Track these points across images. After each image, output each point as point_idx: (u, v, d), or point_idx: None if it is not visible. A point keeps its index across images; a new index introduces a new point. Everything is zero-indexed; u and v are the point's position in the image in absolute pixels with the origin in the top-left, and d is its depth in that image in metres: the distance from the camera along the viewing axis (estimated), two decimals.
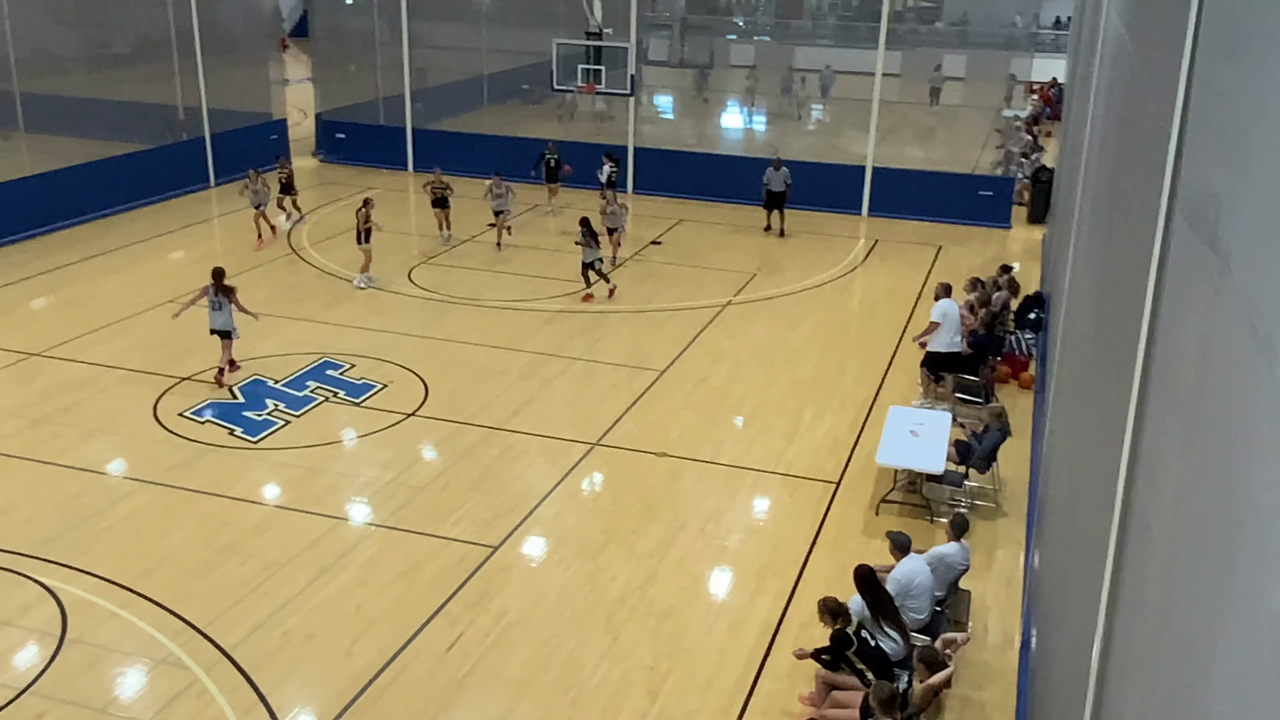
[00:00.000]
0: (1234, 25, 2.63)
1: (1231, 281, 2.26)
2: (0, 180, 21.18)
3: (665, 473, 12.81)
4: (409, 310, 18.06)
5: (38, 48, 24.84)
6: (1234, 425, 2.11)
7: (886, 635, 8.81)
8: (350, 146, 28.58)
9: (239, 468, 12.73)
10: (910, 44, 35.58)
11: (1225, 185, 2.49)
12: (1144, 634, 3.13)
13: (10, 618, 9.87)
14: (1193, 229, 2.90)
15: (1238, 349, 2.11)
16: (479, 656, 9.45)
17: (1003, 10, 32.90)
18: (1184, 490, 2.68)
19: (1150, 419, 3.54)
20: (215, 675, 9.15)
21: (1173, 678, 2.53)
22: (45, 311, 17.86)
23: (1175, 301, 3.29)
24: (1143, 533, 3.42)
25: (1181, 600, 2.53)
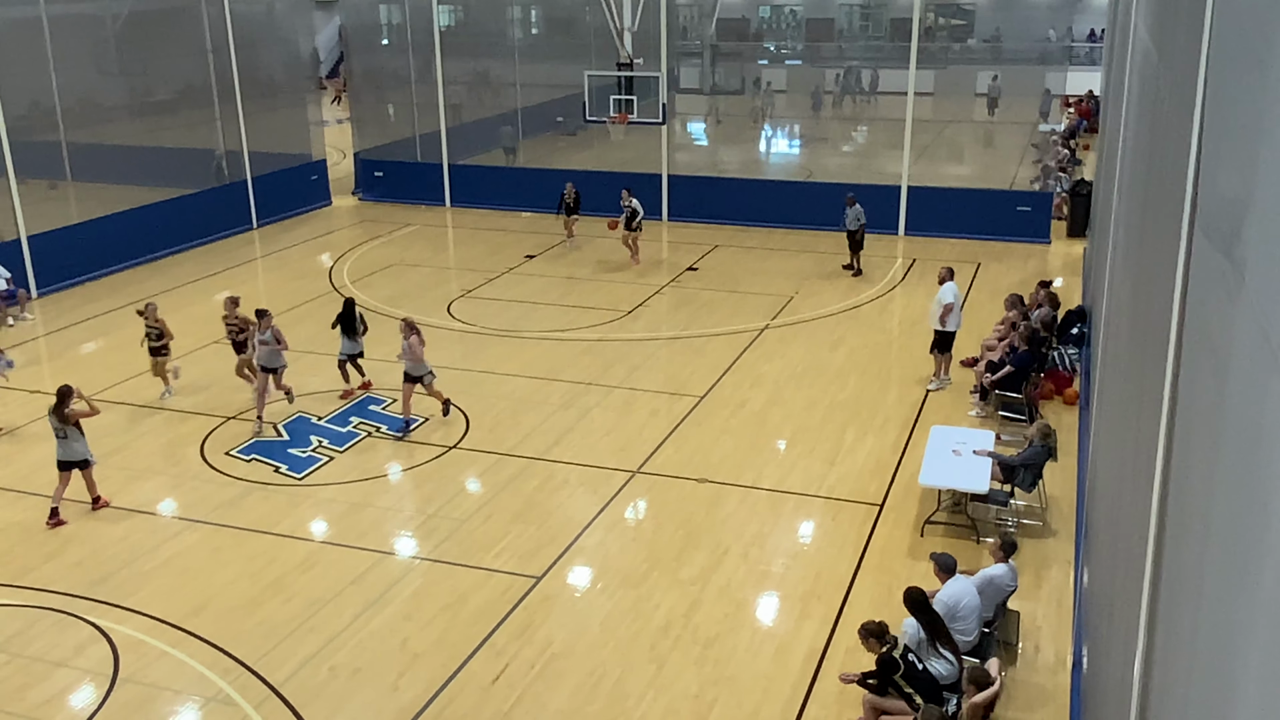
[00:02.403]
0: (1244, 36, 2.62)
1: (1245, 291, 2.24)
2: (48, 228, 21.57)
3: (707, 499, 12.77)
4: (449, 343, 18.17)
5: (83, 98, 25.37)
6: (1250, 437, 2.09)
7: (942, 657, 8.71)
8: (388, 184, 28.94)
9: (285, 505, 12.83)
10: (943, 62, 35.52)
11: (1238, 195, 2.47)
12: (1179, 649, 3.09)
13: (64, 659, 10.00)
14: (1209, 239, 2.88)
15: (1253, 359, 2.10)
16: (524, 688, 9.44)
17: (1035, 25, 32.77)
18: (1209, 505, 2.65)
19: (1179, 432, 3.51)
20: (264, 711, 9.20)
21: (1206, 693, 2.50)
22: (94, 355, 18.18)
23: (1197, 312, 3.26)
24: (1175, 548, 3.38)
25: (1209, 612, 2.50)
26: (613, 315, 19.31)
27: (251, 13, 26.92)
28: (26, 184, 21.37)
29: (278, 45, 28.63)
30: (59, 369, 17.49)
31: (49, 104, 23.92)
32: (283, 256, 24.16)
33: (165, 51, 27.07)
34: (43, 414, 15.56)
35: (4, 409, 15.78)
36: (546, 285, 21.27)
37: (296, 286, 21.57)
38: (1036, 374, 15.11)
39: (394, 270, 22.68)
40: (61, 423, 12.29)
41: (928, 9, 34.55)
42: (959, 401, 15.43)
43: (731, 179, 27.39)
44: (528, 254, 23.61)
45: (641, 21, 22.25)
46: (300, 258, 23.95)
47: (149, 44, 26.95)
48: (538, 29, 32.00)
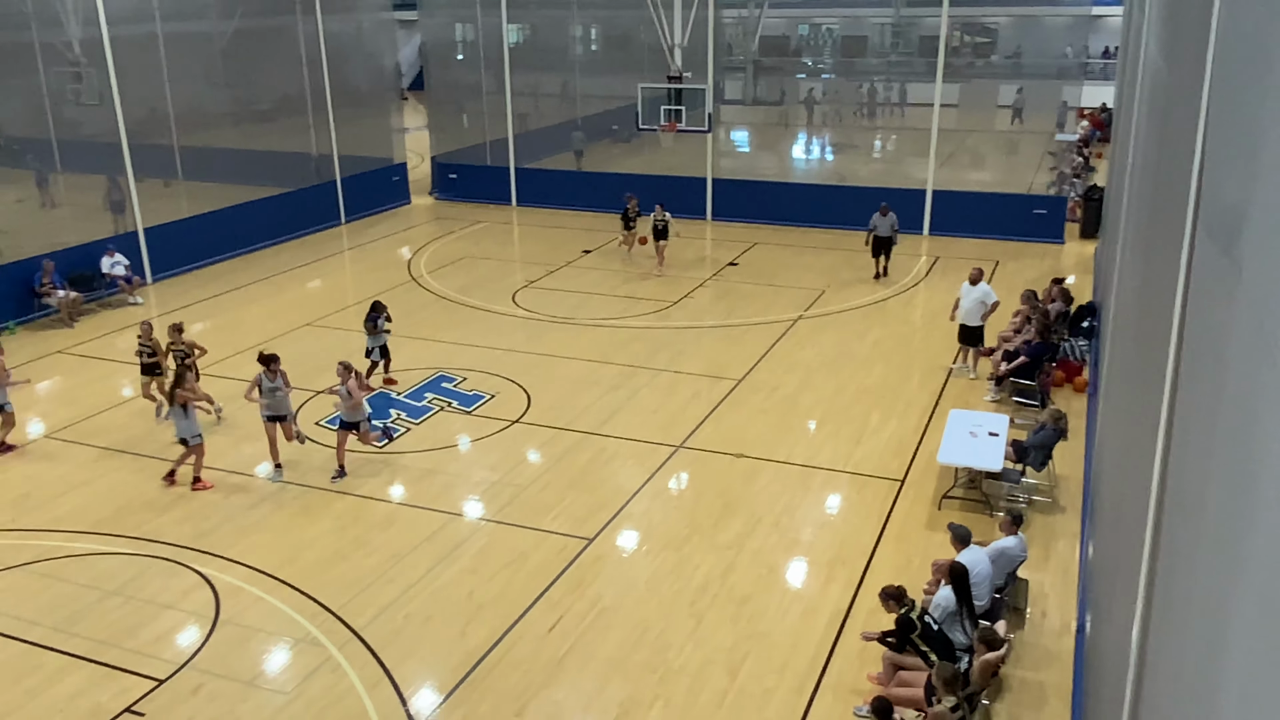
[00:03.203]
0: (1245, 54, 2.56)
1: (1244, 286, 2.20)
2: (163, 222, 21.96)
3: (743, 472, 12.74)
4: (513, 329, 18.29)
5: (193, 107, 25.74)
6: (1244, 421, 2.05)
7: (962, 629, 8.65)
8: (461, 185, 29.11)
9: (367, 470, 12.95)
10: (967, 76, 34.95)
11: (1238, 198, 2.42)
12: (1173, 617, 3.04)
13: (172, 602, 10.23)
14: (1212, 239, 2.82)
15: (1248, 349, 2.06)
16: (577, 637, 9.50)
17: (1053, 43, 32.12)
18: (1204, 485, 2.60)
19: (1179, 417, 3.44)
20: (347, 653, 9.34)
21: (1197, 656, 2.46)
22: (201, 335, 18.49)
23: (1198, 306, 3.19)
24: (1172, 524, 3.32)
25: (1201, 584, 2.46)
26: (660, 305, 19.30)
27: (342, 30, 27.14)
28: (144, 182, 21.73)
29: (365, 60, 28.86)
30: None
31: (164, 111, 24.29)
32: (367, 249, 24.42)
33: (266, 65, 27.40)
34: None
35: (126, 379, 16.09)
36: (601, 278, 21.30)
37: (379, 276, 21.79)
38: (1049, 363, 14.89)
39: (465, 263, 22.83)
40: (169, 403, 12.53)
41: (954, 27, 34.00)
42: (976, 387, 15.25)
43: (770, 182, 27.21)
44: (585, 249, 23.66)
45: (690, 38, 22.14)
46: (382, 251, 24.17)
47: (251, 59, 27.28)
48: (596, 45, 31.96)
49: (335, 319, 18.84)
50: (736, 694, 8.71)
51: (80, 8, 21.18)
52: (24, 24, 23.37)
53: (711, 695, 8.69)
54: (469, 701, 8.68)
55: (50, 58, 22.81)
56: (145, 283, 21.20)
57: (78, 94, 22.13)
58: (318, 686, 8.90)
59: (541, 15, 29.82)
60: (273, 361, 12.69)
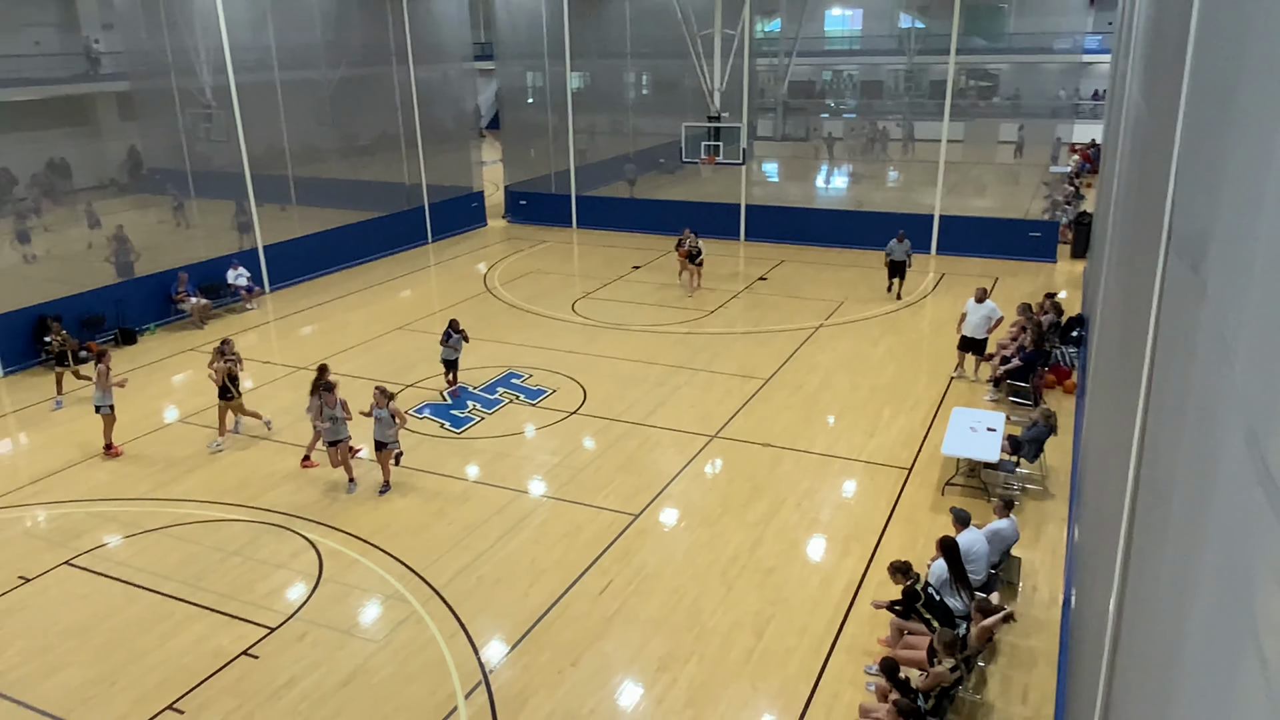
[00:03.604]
0: (1210, 99, 2.51)
1: (1207, 300, 2.15)
2: (280, 240, 22.39)
3: (769, 459, 12.68)
4: (572, 333, 18.36)
5: (305, 143, 26.22)
6: (1206, 417, 2.01)
7: (958, 596, 8.54)
8: (530, 210, 29.30)
9: (448, 452, 13.10)
10: (971, 116, 34.40)
11: (1204, 223, 2.37)
12: (1143, 591, 2.98)
13: (283, 562, 10.42)
14: (1181, 258, 2.76)
15: (1210, 354, 2.02)
16: (624, 599, 9.52)
17: (1049, 86, 31.48)
18: (1172, 473, 2.55)
19: (1152, 415, 3.37)
20: (429, 608, 9.44)
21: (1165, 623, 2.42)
22: (311, 337, 18.85)
23: (1170, 317, 3.13)
24: (1145, 509, 3.26)
25: (1166, 561, 2.41)
26: (699, 314, 19.27)
27: (430, 78, 27.45)
28: (263, 207, 22.16)
29: (450, 103, 29.13)
30: (286, 346, 18.18)
31: (280, 146, 24.76)
32: (449, 265, 24.68)
33: (366, 107, 27.80)
34: (273, 378, 16.23)
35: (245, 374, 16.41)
36: (648, 290, 21.32)
37: (460, 287, 22.03)
38: (1042, 367, 14.61)
39: (532, 276, 22.98)
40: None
41: (960, 73, 33.50)
42: (976, 389, 15.01)
43: (796, 208, 27.03)
44: (635, 265, 23.70)
45: (728, 83, 22.06)
46: (463, 266, 24.41)
47: (354, 102, 27.70)
48: (647, 90, 31.99)
49: (422, 323, 19.07)
50: (761, 652, 8.68)
51: (211, 58, 21.67)
52: (165, 72, 23.98)
53: (740, 652, 8.67)
54: (531, 652, 8.74)
55: (186, 101, 23.37)
56: (264, 292, 21.62)
57: (209, 132, 22.63)
58: (403, 636, 9.01)
59: (600, 64, 29.86)
60: (331, 390, 11.92)
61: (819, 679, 8.33)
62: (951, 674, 7.40)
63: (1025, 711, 7.91)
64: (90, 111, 27.87)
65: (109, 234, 20.55)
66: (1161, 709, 2.24)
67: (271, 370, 16.67)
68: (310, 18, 26.26)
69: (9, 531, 11.19)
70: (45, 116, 26.51)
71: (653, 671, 8.42)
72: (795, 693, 8.16)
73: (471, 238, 27.77)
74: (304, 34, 26.08)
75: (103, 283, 19.11)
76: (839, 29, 42.81)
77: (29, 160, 26.15)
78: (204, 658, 8.76)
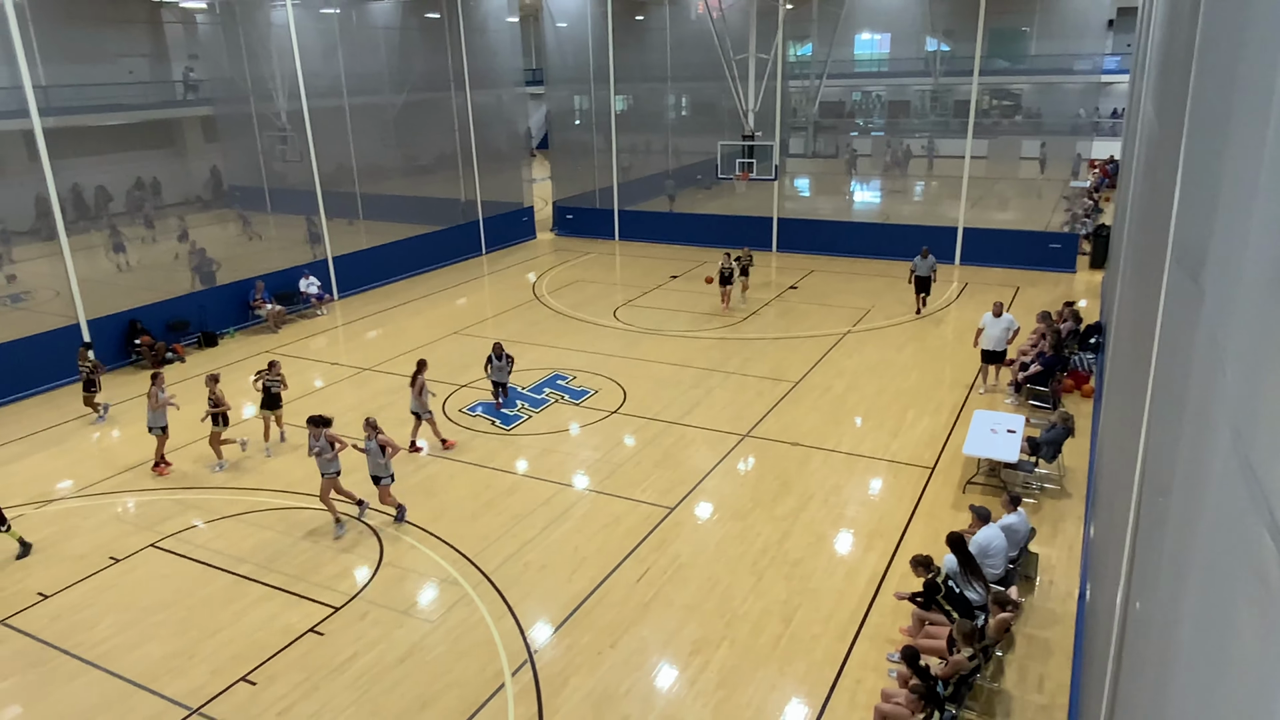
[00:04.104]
0: (1208, 118, 2.47)
1: (1204, 308, 2.13)
2: (348, 252, 22.80)
3: (797, 458, 12.61)
4: (613, 338, 18.42)
5: (371, 162, 26.63)
6: (1201, 419, 1.99)
7: (972, 587, 8.43)
8: (576, 223, 29.47)
9: (498, 448, 13.21)
10: (994, 133, 33.83)
11: (1203, 234, 2.34)
12: (1146, 583, 2.94)
13: (347, 546, 10.61)
14: (1182, 267, 2.72)
15: (1205, 359, 2.00)
16: (659, 587, 9.54)
17: (1069, 104, 30.85)
18: (1172, 472, 2.52)
19: (1155, 417, 3.31)
20: (479, 591, 9.55)
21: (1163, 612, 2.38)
22: (375, 340, 19.17)
23: (1171, 324, 3.08)
24: (1148, 506, 3.20)
25: (1165, 555, 2.38)
26: (732, 320, 19.22)
27: (485, 102, 27.76)
28: (333, 221, 22.60)
29: (503, 125, 29.43)
30: (353, 349, 18.51)
31: (348, 165, 25.21)
32: (501, 274, 24.92)
33: (426, 129, 28.17)
34: (340, 378, 16.53)
35: (316, 374, 16.75)
36: (684, 298, 21.32)
37: (511, 295, 22.23)
38: (1060, 372, 14.35)
39: (577, 285, 23.11)
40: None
41: (984, 93, 32.99)
42: (998, 394, 14.77)
43: (826, 220, 26.84)
44: (672, 275, 23.72)
45: (761, 104, 22.01)
46: (513, 276, 24.62)
47: (416, 124, 28.10)
48: (685, 111, 31.98)
49: (475, 328, 19.29)
50: (789, 638, 8.64)
51: (287, 85, 22.17)
52: (244, 98, 24.58)
53: (768, 638, 8.64)
54: (573, 634, 8.80)
55: (264, 124, 23.92)
56: (333, 299, 22.04)
57: (284, 153, 23.13)
58: (456, 617, 9.12)
59: (642, 87, 29.94)
60: (322, 424, 10.88)
61: (843, 665, 8.27)
62: (970, 663, 7.31)
63: (1041, 699, 7.78)
64: (178, 134, 28.66)
65: (192, 246, 21.09)
66: (1159, 697, 2.22)
67: (339, 371, 16.98)
68: (376, 47, 26.73)
69: (101, 516, 11.55)
70: (138, 139, 27.32)
71: (686, 655, 8.43)
72: (820, 677, 8.11)
73: (521, 249, 28.01)
74: (371, 62, 26.55)
75: (188, 290, 19.64)
76: (868, 52, 42.40)
77: (123, 179, 26.97)
78: (274, 634, 8.96)
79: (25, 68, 15.60)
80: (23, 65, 15.54)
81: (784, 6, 23.47)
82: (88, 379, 14.85)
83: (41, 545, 10.84)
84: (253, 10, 23.84)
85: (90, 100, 24.47)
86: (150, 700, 8.08)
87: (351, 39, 25.25)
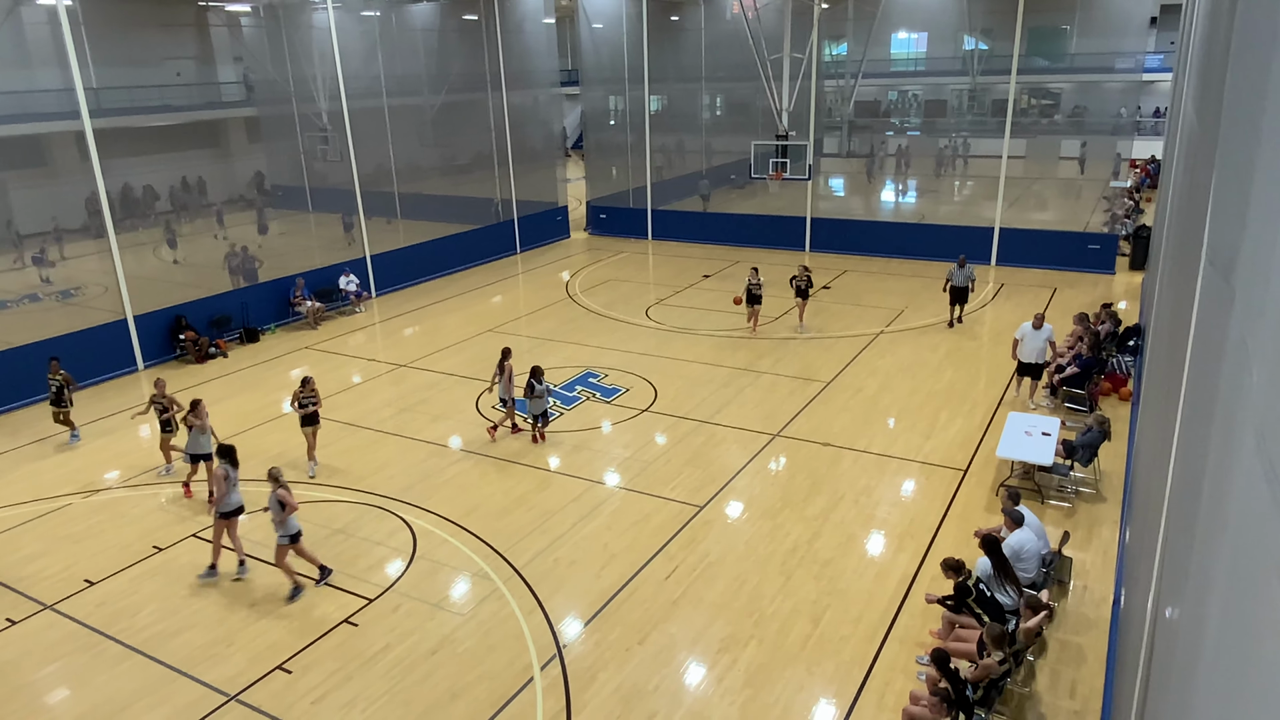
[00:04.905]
0: (1243, 117, 2.42)
1: (1235, 308, 2.09)
2: (386, 250, 23.10)
3: (828, 458, 12.53)
4: (645, 337, 18.44)
5: (409, 162, 26.97)
6: (1227, 423, 1.95)
7: (1004, 591, 8.32)
8: (609, 223, 29.54)
9: (529, 445, 13.25)
10: (1033, 133, 33.28)
11: (1235, 234, 2.30)
12: (1175, 587, 2.88)
13: (381, 540, 10.74)
14: (1215, 267, 2.67)
15: (1234, 360, 1.96)
16: (688, 585, 9.54)
17: (1110, 103, 30.22)
18: (1201, 474, 2.47)
19: (1188, 418, 3.25)
20: (510, 586, 9.62)
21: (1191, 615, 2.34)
22: (411, 337, 19.39)
23: (1204, 326, 3.02)
24: (1178, 509, 3.14)
25: (1194, 559, 2.34)
26: (764, 320, 19.12)
27: (521, 103, 27.95)
28: (372, 220, 22.90)
29: (538, 126, 29.60)
30: (390, 345, 18.74)
31: (387, 166, 25.55)
32: (535, 273, 25.06)
33: (463, 130, 28.44)
34: (377, 374, 16.75)
35: (355, 370, 16.99)
36: (716, 297, 21.25)
37: (544, 294, 22.35)
38: (1097, 375, 14.09)
39: (610, 284, 23.16)
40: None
41: (1022, 91, 32.45)
42: (1031, 410, 14.52)
43: (860, 220, 26.60)
44: (705, 274, 23.67)
45: (796, 103, 21.87)
46: (547, 274, 24.75)
47: (453, 125, 28.38)
48: (720, 111, 31.89)
49: (510, 325, 19.43)
50: (818, 639, 8.59)
51: (327, 86, 22.51)
52: (286, 99, 25.03)
53: (797, 638, 8.61)
54: (602, 629, 8.83)
55: (305, 125, 24.32)
56: (371, 297, 22.34)
57: (325, 153, 23.50)
58: (487, 611, 9.20)
59: (676, 88, 29.92)
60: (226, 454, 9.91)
61: (872, 666, 8.20)
62: (1000, 666, 7.21)
63: (1073, 705, 7.65)
64: (222, 135, 29.26)
65: (232, 249, 21.50)
66: (1183, 703, 2.18)
67: (376, 367, 17.21)
68: (415, 49, 27.03)
69: (146, 506, 11.84)
70: (184, 139, 27.94)
71: (714, 652, 8.42)
72: (849, 678, 8.06)
73: (556, 249, 28.14)
74: (409, 64, 26.86)
75: (231, 287, 20.03)
76: (904, 51, 41.94)
77: (170, 178, 27.60)
78: (310, 623, 9.11)
79: (77, 70, 16.03)
80: (75, 68, 15.97)
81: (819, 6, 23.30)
82: (58, 394, 13.59)
83: (88, 533, 11.14)
84: (295, 13, 24.25)
85: (138, 102, 25.07)
86: (189, 686, 8.27)
87: (391, 40, 25.57)
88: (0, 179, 23.73)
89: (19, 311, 19.94)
